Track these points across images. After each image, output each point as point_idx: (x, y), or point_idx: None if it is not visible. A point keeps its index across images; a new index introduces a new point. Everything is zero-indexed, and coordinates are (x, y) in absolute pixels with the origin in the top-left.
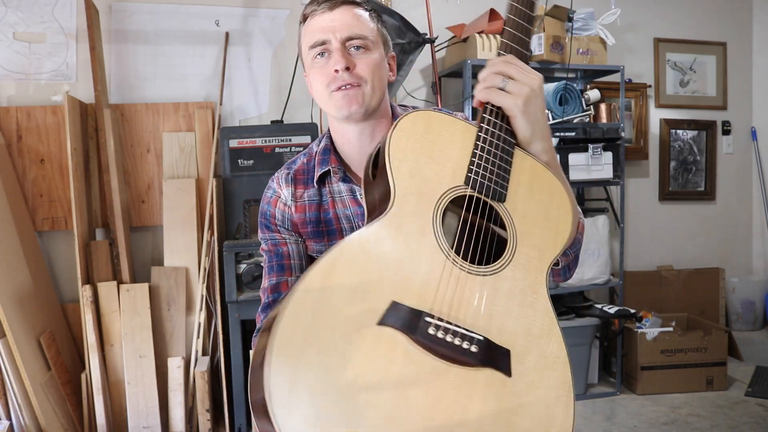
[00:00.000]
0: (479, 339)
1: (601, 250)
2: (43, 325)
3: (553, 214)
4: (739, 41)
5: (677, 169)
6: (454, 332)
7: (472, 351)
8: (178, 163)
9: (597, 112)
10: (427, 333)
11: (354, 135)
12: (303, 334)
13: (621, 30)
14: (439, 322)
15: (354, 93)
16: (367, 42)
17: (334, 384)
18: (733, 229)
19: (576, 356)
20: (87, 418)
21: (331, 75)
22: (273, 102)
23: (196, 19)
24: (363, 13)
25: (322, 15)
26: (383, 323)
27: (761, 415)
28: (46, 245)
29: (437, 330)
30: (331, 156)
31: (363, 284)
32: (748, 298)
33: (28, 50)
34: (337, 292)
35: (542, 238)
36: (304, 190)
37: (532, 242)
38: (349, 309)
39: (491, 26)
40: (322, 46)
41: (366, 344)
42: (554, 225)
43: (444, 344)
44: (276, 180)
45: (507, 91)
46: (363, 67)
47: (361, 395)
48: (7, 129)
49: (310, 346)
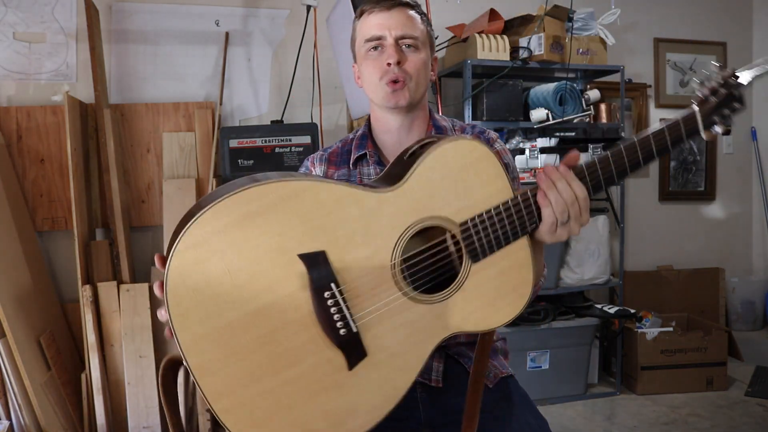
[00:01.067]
0: (353, 329)
1: (601, 250)
2: (43, 325)
3: (497, 305)
4: (739, 41)
5: (677, 169)
6: (340, 309)
7: (339, 332)
8: (178, 163)
9: (597, 112)
10: (323, 294)
11: (394, 125)
12: (237, 220)
13: (621, 30)
14: (338, 295)
15: (402, 89)
16: (417, 42)
17: (231, 285)
18: (733, 229)
19: (576, 356)
20: (87, 418)
21: (383, 68)
22: (273, 102)
23: (196, 19)
24: (415, 15)
25: (379, 13)
26: (302, 258)
27: (761, 415)
28: (46, 245)
29: (331, 298)
30: (368, 141)
31: (316, 220)
32: (748, 298)
33: (28, 50)
34: (295, 210)
35: (471, 312)
36: (336, 170)
37: (461, 308)
38: (290, 228)
39: (491, 26)
40: (377, 41)
41: (276, 263)
42: (489, 313)
43: (325, 310)
44: (311, 159)
45: (562, 220)
46: (411, 65)
47: (245, 298)
48: (7, 129)
49: (232, 237)
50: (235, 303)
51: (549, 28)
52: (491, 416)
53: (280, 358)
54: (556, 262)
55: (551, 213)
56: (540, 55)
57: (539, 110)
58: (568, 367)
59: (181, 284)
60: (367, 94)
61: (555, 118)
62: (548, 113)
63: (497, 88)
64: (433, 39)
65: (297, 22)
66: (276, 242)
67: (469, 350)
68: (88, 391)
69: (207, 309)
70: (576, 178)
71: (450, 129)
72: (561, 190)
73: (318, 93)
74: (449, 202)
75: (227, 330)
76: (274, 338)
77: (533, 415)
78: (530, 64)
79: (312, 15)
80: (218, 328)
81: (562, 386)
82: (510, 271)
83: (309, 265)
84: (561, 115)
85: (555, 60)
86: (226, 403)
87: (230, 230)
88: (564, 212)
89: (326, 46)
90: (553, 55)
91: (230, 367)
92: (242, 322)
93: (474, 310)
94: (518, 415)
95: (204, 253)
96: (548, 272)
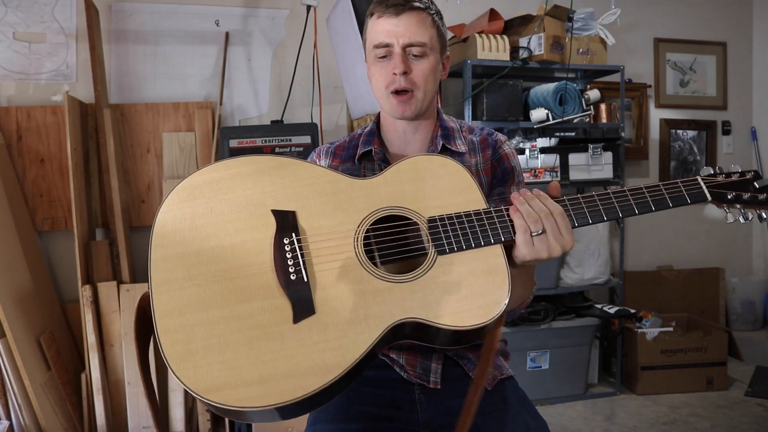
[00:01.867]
0: (304, 280)
1: (601, 250)
2: (43, 325)
3: (463, 305)
4: (739, 41)
5: (677, 169)
6: (295, 257)
7: (290, 276)
8: (178, 163)
9: (597, 112)
10: (283, 240)
11: (401, 127)
12: (229, 176)
13: (621, 30)
14: (296, 242)
15: (408, 100)
16: (425, 49)
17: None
18: (733, 229)
19: (576, 356)
20: (87, 418)
21: (390, 77)
22: (273, 102)
23: (196, 19)
24: (426, 18)
25: (388, 18)
26: (275, 213)
27: (761, 415)
28: (46, 245)
29: (290, 245)
30: (375, 138)
31: (294, 188)
32: (748, 298)
33: (28, 50)
34: (279, 177)
35: (433, 302)
36: (341, 163)
37: (423, 295)
38: (271, 190)
39: (491, 26)
40: (385, 48)
41: (252, 213)
42: (454, 309)
43: (282, 256)
44: (317, 151)
45: (535, 229)
46: (418, 74)
47: (218, 234)
48: (7, 129)
49: (215, 191)
50: (209, 236)
51: (549, 28)
52: (489, 418)
53: (231, 293)
54: (556, 262)
55: (522, 222)
56: (540, 55)
57: (539, 110)
58: (568, 367)
59: (169, 210)
60: (377, 99)
61: (555, 118)
62: (548, 113)
63: (497, 88)
64: (444, 38)
65: (297, 22)
66: (257, 197)
67: (469, 352)
68: (88, 391)
69: (184, 235)
70: (550, 198)
71: (457, 130)
72: (533, 204)
73: (318, 93)
74: (419, 198)
75: (195, 256)
76: (233, 275)
77: (532, 416)
78: (530, 64)
79: (312, 15)
80: (187, 253)
81: (562, 386)
82: (481, 274)
83: (279, 219)
84: (561, 115)
85: (555, 60)
86: (170, 322)
87: (222, 181)
88: (536, 222)
89: (326, 46)
90: (553, 55)
91: (186, 290)
92: (210, 254)
93: (436, 302)
94: (517, 416)
95: (196, 193)
96: (548, 272)
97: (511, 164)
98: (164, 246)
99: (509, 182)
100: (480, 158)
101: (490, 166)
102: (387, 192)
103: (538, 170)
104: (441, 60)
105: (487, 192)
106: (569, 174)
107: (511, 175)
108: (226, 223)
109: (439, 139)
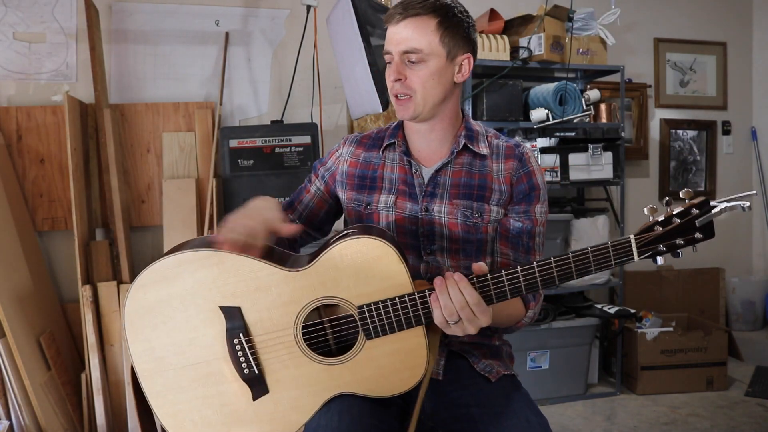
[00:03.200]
0: (255, 372)
1: None
2: (43, 325)
3: (390, 378)
4: (739, 41)
5: (677, 169)
6: (245, 355)
7: (244, 371)
8: (178, 163)
9: (597, 112)
10: (233, 341)
11: (416, 127)
12: (171, 270)
13: (621, 30)
14: (245, 343)
15: (406, 104)
16: (422, 55)
17: (169, 327)
18: (733, 229)
19: (576, 356)
20: (87, 418)
21: (391, 82)
22: (273, 102)
23: (196, 19)
24: (428, 23)
25: (393, 26)
26: (222, 309)
27: (761, 415)
28: (46, 245)
29: (239, 344)
30: (399, 132)
31: (238, 283)
32: (748, 298)
33: (28, 50)
34: (226, 271)
35: (364, 379)
36: (364, 151)
37: (354, 373)
38: (222, 283)
39: (491, 26)
40: (388, 55)
41: (205, 308)
42: (381, 383)
43: (234, 353)
44: (345, 139)
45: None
46: (414, 80)
47: (181, 328)
48: (7, 129)
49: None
50: (172, 330)
51: (549, 28)
52: (491, 411)
53: (199, 379)
54: None
55: (440, 314)
56: (540, 55)
57: (539, 110)
58: (568, 367)
59: (137, 302)
60: None
61: (555, 118)
62: (548, 113)
63: (497, 88)
64: (459, 39)
65: (297, 22)
66: (208, 291)
67: (473, 348)
68: (88, 391)
69: (153, 330)
70: (469, 286)
71: (482, 134)
72: (452, 295)
73: (318, 93)
74: (349, 286)
75: (165, 350)
76: (195, 365)
77: (533, 412)
78: (530, 64)
79: (312, 15)
80: (159, 347)
81: (562, 386)
82: (402, 352)
83: (226, 316)
84: (561, 115)
85: (555, 60)
86: (159, 401)
87: (185, 270)
88: (452, 314)
89: (326, 46)
90: (553, 55)
91: (163, 377)
92: (176, 348)
93: (366, 378)
94: (518, 411)
95: (171, 276)
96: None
97: (538, 182)
98: (140, 341)
99: (535, 201)
100: (502, 165)
101: (511, 176)
102: (320, 282)
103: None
104: (454, 62)
105: (506, 200)
106: (569, 174)
107: (537, 192)
108: (185, 318)
109: (462, 139)
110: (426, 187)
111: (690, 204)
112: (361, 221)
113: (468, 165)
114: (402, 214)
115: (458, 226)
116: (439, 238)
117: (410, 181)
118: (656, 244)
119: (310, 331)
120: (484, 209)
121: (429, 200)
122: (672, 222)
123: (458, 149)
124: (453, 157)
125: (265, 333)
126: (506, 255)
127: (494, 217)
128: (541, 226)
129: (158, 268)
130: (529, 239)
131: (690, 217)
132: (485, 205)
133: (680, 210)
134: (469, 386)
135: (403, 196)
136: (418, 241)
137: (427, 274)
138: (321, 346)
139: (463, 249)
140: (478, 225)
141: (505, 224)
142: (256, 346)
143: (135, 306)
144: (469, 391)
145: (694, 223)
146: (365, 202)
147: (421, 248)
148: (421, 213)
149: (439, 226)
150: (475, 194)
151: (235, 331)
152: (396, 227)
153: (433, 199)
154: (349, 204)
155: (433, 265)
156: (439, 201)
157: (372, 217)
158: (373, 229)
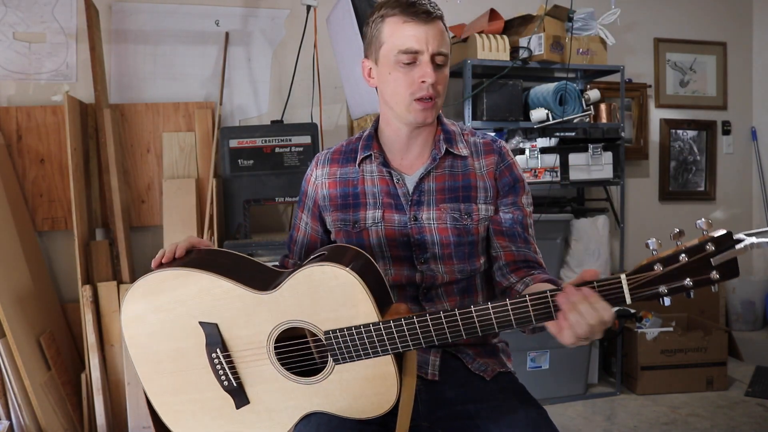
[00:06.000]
0: (233, 384)
1: (601, 250)
2: (43, 325)
3: (360, 402)
4: (739, 41)
5: (677, 169)
6: (223, 368)
7: (224, 383)
8: (178, 163)
9: (597, 112)
10: (212, 355)
11: (405, 132)
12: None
13: (621, 30)
14: (222, 358)
15: (431, 107)
16: (447, 59)
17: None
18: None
19: (576, 356)
20: (87, 418)
21: (416, 84)
22: (273, 102)
23: (196, 19)
24: (444, 29)
25: (418, 25)
26: (201, 324)
27: (761, 415)
28: (46, 245)
29: (217, 358)
30: (373, 143)
31: (213, 302)
32: (748, 298)
33: (28, 50)
34: (203, 291)
35: (335, 400)
36: (338, 167)
37: (326, 394)
38: (199, 301)
39: (491, 26)
40: (413, 54)
41: (189, 322)
42: (352, 406)
43: (214, 366)
44: (315, 159)
45: None
46: (441, 83)
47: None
48: (7, 129)
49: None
50: (162, 340)
51: (549, 28)
52: (489, 406)
53: (189, 385)
54: (556, 262)
55: (571, 335)
56: (540, 55)
57: (539, 110)
58: (568, 367)
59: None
60: (386, 101)
61: (555, 118)
62: (548, 113)
63: (497, 88)
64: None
65: (297, 22)
66: (188, 307)
67: (469, 348)
68: (88, 391)
69: (148, 339)
70: (600, 299)
71: (458, 133)
72: (584, 312)
73: (318, 93)
74: (317, 312)
75: (158, 355)
76: (185, 372)
77: (532, 404)
78: (530, 64)
79: (312, 15)
80: (152, 353)
81: (562, 386)
82: (372, 378)
83: (205, 331)
84: (561, 115)
85: (555, 60)
86: (159, 400)
87: (168, 287)
88: (587, 332)
89: (326, 46)
90: (553, 55)
91: (160, 380)
92: (167, 355)
93: (337, 400)
94: (516, 404)
95: (156, 290)
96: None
97: (519, 174)
98: (134, 345)
99: (520, 192)
100: (483, 161)
101: (494, 171)
102: (287, 306)
103: (538, 170)
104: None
105: (493, 196)
106: (569, 174)
107: (521, 184)
108: (173, 328)
109: (442, 143)
110: (412, 196)
111: (705, 238)
112: (350, 241)
113: (450, 167)
114: (392, 228)
115: (448, 230)
116: (431, 245)
117: (393, 192)
118: (654, 286)
119: (283, 351)
120: (472, 209)
121: (416, 209)
122: (678, 260)
123: (440, 155)
124: (435, 163)
125: (241, 349)
126: (507, 247)
127: (483, 216)
128: (529, 217)
129: (143, 283)
130: (522, 230)
131: (704, 255)
132: (473, 205)
133: (693, 245)
134: (464, 385)
135: (389, 209)
136: (411, 251)
137: (422, 284)
138: (296, 364)
139: (455, 253)
140: (468, 226)
141: (496, 219)
142: (234, 360)
143: (129, 314)
144: (465, 389)
145: (710, 261)
146: (352, 220)
147: (414, 258)
148: (411, 223)
149: (429, 234)
150: (461, 195)
151: (213, 346)
152: (387, 242)
153: (420, 207)
154: (336, 225)
155: (428, 274)
156: (427, 208)
157: (362, 235)
158: (345, 254)
